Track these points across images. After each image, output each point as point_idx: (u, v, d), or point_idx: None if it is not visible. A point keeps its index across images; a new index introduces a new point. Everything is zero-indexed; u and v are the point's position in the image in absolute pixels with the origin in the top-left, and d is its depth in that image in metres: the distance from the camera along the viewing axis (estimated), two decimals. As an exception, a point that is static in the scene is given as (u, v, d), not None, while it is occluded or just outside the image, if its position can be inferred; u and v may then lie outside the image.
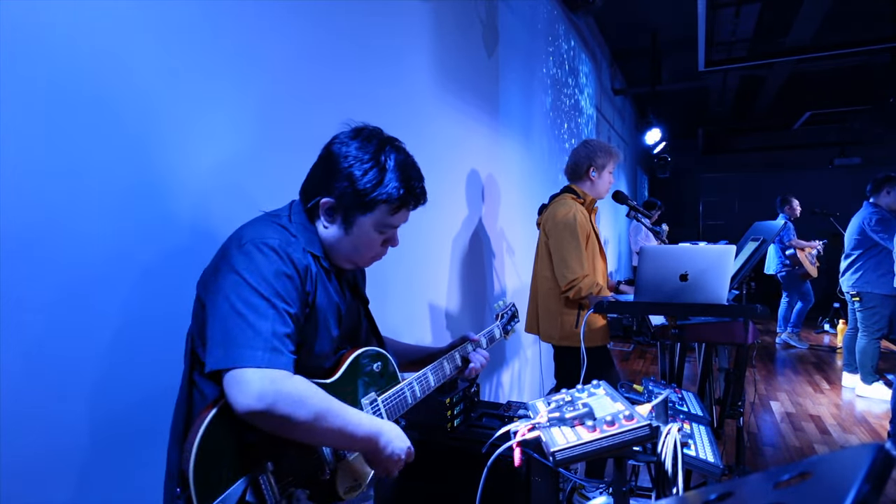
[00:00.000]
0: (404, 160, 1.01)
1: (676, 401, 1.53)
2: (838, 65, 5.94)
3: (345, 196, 0.96)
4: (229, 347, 0.81)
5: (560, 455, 0.81)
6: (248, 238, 0.90)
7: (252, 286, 0.85)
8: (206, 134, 1.22)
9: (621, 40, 6.07)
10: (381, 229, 1.01)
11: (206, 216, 1.21)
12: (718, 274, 1.61)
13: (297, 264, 0.91)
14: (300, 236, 0.96)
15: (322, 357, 1.00)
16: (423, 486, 1.73)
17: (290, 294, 0.88)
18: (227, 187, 1.28)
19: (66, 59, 0.95)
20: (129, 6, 1.04)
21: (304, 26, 1.52)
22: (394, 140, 1.03)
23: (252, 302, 0.84)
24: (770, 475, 0.31)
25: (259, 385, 0.78)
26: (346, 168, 0.95)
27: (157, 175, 1.11)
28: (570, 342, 2.17)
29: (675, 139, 8.40)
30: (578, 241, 2.11)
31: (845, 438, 3.33)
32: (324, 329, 0.98)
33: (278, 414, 0.79)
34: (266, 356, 0.81)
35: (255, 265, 0.86)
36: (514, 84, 3.27)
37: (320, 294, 0.97)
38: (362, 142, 0.98)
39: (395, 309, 2.03)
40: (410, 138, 2.09)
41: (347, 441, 0.91)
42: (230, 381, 0.79)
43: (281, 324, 0.85)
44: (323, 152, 1.01)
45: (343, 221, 0.98)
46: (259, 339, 0.81)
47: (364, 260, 1.06)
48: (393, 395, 1.10)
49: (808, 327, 6.53)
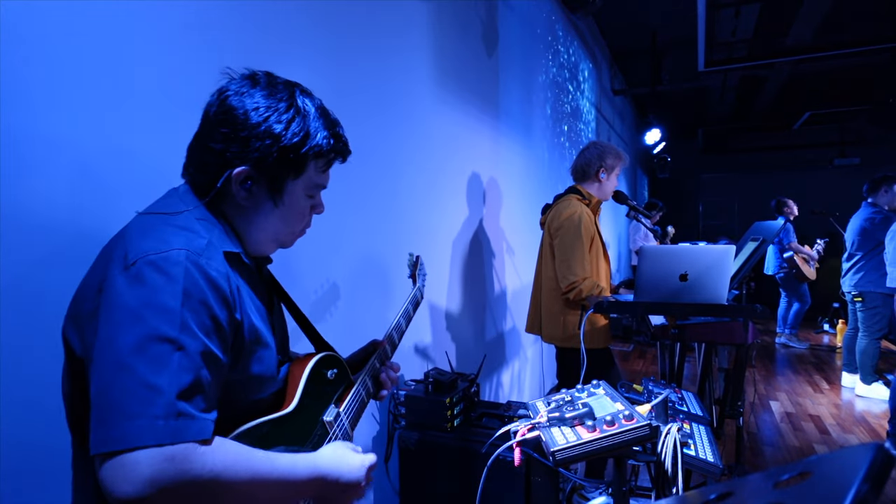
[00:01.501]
0: (320, 104, 0.81)
1: (676, 401, 1.53)
2: (838, 65, 5.95)
3: (267, 158, 0.73)
4: (112, 422, 0.57)
5: (560, 455, 0.81)
6: (137, 253, 0.64)
7: (148, 324, 0.60)
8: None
9: (621, 40, 6.07)
10: (311, 192, 0.82)
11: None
12: (718, 274, 1.61)
13: (217, 280, 0.67)
14: (209, 235, 0.71)
15: (268, 382, 0.79)
16: (423, 486, 1.73)
17: (205, 326, 0.64)
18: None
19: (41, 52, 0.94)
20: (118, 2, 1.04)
21: (303, 26, 1.52)
22: (295, 82, 0.81)
23: (147, 348, 0.60)
24: (770, 475, 0.31)
25: (149, 469, 0.56)
26: (260, 123, 0.72)
27: (145, 170, 1.02)
28: (573, 343, 2.17)
29: (675, 139, 8.40)
30: (583, 242, 2.11)
31: (845, 438, 3.33)
32: (264, 351, 0.77)
33: (184, 499, 0.59)
34: (167, 426, 0.58)
35: (152, 292, 0.62)
36: (515, 84, 3.27)
37: (250, 310, 0.75)
38: (268, 88, 0.75)
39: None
40: (410, 138, 2.10)
41: (288, 496, 0.72)
42: (108, 469, 0.56)
43: (189, 372, 0.61)
44: (212, 112, 0.75)
45: (269, 191, 0.77)
46: (156, 402, 0.58)
47: (294, 236, 0.86)
48: (351, 401, 0.95)
49: (809, 327, 6.53)
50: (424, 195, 2.24)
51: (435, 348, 2.34)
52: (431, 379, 1.77)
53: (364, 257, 1.84)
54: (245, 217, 0.78)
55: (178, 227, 0.69)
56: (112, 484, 0.56)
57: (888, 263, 3.32)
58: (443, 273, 2.44)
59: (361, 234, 1.83)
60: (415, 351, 2.19)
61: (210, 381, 0.65)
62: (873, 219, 3.86)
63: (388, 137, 1.96)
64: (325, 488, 0.77)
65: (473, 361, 2.63)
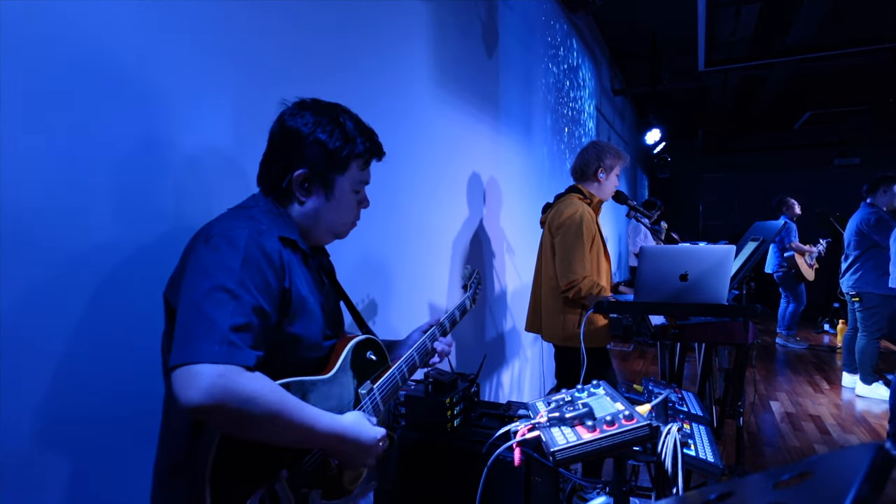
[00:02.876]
0: (357, 119, 1.04)
1: (676, 401, 1.53)
2: (838, 65, 5.95)
3: (318, 161, 0.96)
4: (184, 343, 0.75)
5: (560, 455, 0.81)
6: (216, 231, 0.86)
7: (216, 278, 0.79)
8: (198, 132, 1.22)
9: (621, 41, 6.07)
10: (356, 187, 1.03)
11: (184, 213, 1.17)
12: (718, 274, 1.61)
13: (270, 254, 0.86)
14: (272, 224, 0.92)
15: (312, 347, 0.96)
16: (423, 486, 1.73)
17: (258, 285, 0.83)
18: (215, 183, 1.28)
19: (51, 51, 0.95)
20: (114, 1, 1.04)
21: (303, 25, 1.52)
22: (339, 104, 1.04)
23: (213, 294, 0.78)
24: (770, 475, 0.31)
25: (207, 380, 0.72)
26: (310, 135, 0.95)
27: (133, 170, 1.07)
28: (573, 342, 2.17)
29: (675, 139, 8.41)
30: (583, 241, 2.11)
31: (845, 438, 3.33)
32: (309, 317, 0.95)
33: (227, 411, 0.73)
34: (221, 349, 0.75)
35: (222, 257, 0.81)
36: (515, 84, 3.27)
37: (300, 281, 0.93)
38: (314, 110, 0.98)
39: (396, 309, 2.03)
40: (410, 138, 2.10)
41: (306, 441, 0.87)
42: (178, 377, 0.73)
43: (242, 316, 0.79)
44: (276, 132, 0.99)
45: (322, 188, 0.98)
46: (215, 331, 0.75)
47: (346, 226, 1.07)
48: (385, 381, 1.09)
49: (809, 327, 6.54)
50: (424, 195, 2.24)
51: (435, 348, 2.34)
52: (431, 379, 1.77)
53: (364, 257, 1.84)
54: (305, 212, 0.99)
55: (247, 216, 0.91)
56: (180, 389, 0.72)
57: (892, 264, 3.32)
58: (443, 273, 2.44)
59: (361, 233, 1.82)
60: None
61: (258, 326, 0.81)
62: (868, 220, 3.87)
63: (387, 137, 1.95)
64: (344, 445, 0.91)
65: (473, 361, 2.63)
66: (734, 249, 1.64)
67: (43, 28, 0.90)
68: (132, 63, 1.05)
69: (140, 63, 1.07)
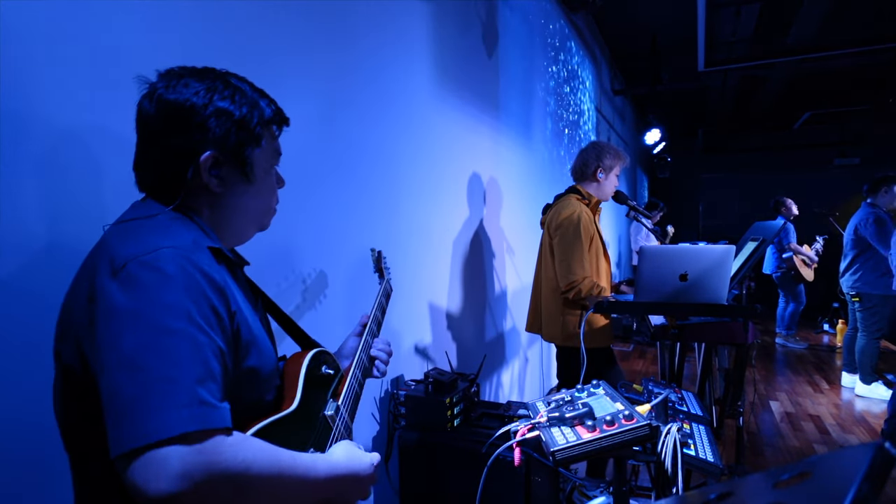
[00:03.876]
0: (243, 79, 0.81)
1: (676, 401, 1.53)
2: (838, 65, 5.94)
3: (228, 136, 0.74)
4: (134, 419, 0.55)
5: (560, 455, 0.81)
6: (126, 256, 0.62)
7: (154, 321, 0.59)
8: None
9: (621, 41, 6.07)
10: (272, 161, 0.83)
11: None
12: (718, 274, 1.61)
13: (211, 273, 0.66)
14: (190, 233, 0.71)
15: (269, 378, 0.79)
16: (423, 486, 1.73)
17: (209, 319, 0.64)
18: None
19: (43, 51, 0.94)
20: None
21: (302, 25, 1.52)
22: (213, 67, 0.81)
23: (157, 343, 0.58)
24: (770, 475, 0.31)
25: (180, 462, 0.54)
26: (206, 105, 0.72)
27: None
28: (573, 343, 2.17)
29: (675, 139, 8.41)
30: (582, 242, 2.11)
31: (845, 438, 3.33)
32: (260, 343, 0.77)
33: (213, 496, 0.56)
34: (192, 413, 0.57)
35: (149, 291, 0.60)
36: (515, 84, 3.27)
37: (240, 300, 0.74)
38: (194, 76, 0.75)
39: (396, 309, 2.03)
40: (411, 138, 2.10)
41: (307, 497, 0.71)
42: (136, 468, 0.54)
43: (203, 363, 0.60)
44: (150, 115, 0.72)
45: (240, 167, 0.77)
46: (176, 392, 0.57)
47: (270, 214, 0.86)
48: (347, 393, 0.96)
49: (809, 327, 6.54)
50: (424, 195, 2.24)
51: (435, 348, 2.34)
52: (431, 379, 1.77)
53: (364, 257, 1.84)
54: (221, 206, 0.77)
55: (158, 229, 0.68)
56: (144, 483, 0.54)
57: (893, 266, 3.32)
58: (443, 273, 2.44)
59: (361, 233, 1.83)
60: (415, 351, 2.20)
61: (220, 371, 0.63)
62: (867, 220, 3.88)
63: (388, 137, 1.96)
64: (343, 485, 0.77)
65: (473, 361, 2.63)
66: (734, 249, 1.64)
67: (43, 26, 0.90)
68: (135, 63, 1.05)
69: (142, 63, 1.07)
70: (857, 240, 3.93)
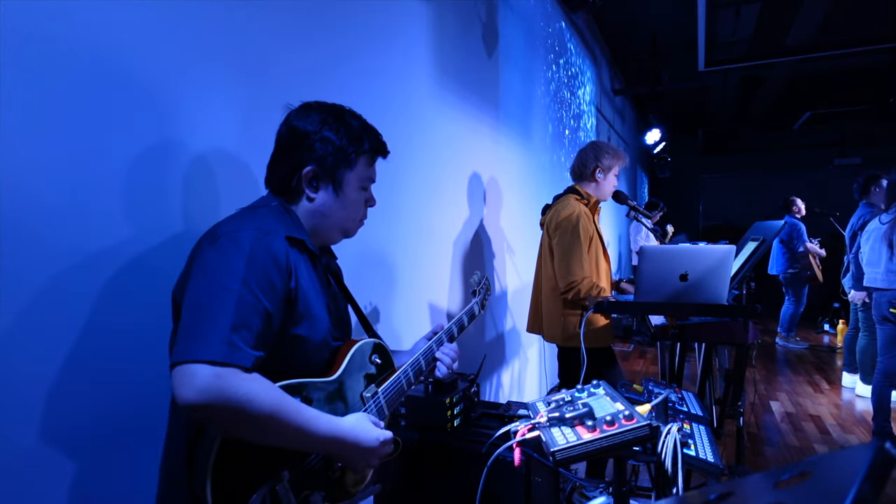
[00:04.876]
0: (361, 117, 1.05)
1: (676, 401, 1.53)
2: (838, 65, 5.94)
3: (327, 157, 0.97)
4: (185, 342, 0.76)
5: (560, 455, 0.81)
6: (222, 232, 0.86)
7: (219, 278, 0.80)
8: (197, 133, 1.22)
9: (621, 40, 6.07)
10: (363, 184, 1.05)
11: (193, 215, 1.19)
12: (718, 274, 1.61)
13: (276, 254, 0.86)
14: (280, 224, 0.92)
15: (318, 349, 0.97)
16: (423, 486, 1.73)
17: (262, 286, 0.83)
18: (222, 185, 1.28)
19: (53, 54, 0.95)
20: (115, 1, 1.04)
21: (302, 25, 1.52)
22: (342, 105, 1.05)
23: (216, 294, 0.79)
24: (770, 475, 0.31)
25: (203, 380, 0.73)
26: (318, 133, 0.97)
27: (142, 172, 1.08)
28: (574, 343, 2.17)
29: (675, 139, 8.41)
30: (580, 242, 2.11)
31: (845, 438, 3.33)
32: (315, 320, 0.94)
33: (222, 411, 0.74)
34: (220, 349, 0.75)
35: (227, 257, 0.82)
36: (515, 84, 3.27)
37: (306, 283, 0.93)
38: (320, 111, 1.00)
39: (396, 309, 2.03)
40: (411, 138, 2.10)
41: (305, 444, 0.86)
42: (176, 375, 0.74)
43: (243, 316, 0.79)
44: (284, 133, 1.00)
45: (331, 183, 0.99)
46: (215, 331, 0.76)
47: (355, 223, 1.08)
48: (391, 385, 1.09)
49: (809, 327, 6.53)
50: (424, 194, 2.24)
51: (435, 348, 2.34)
52: (431, 379, 1.77)
53: (363, 257, 1.84)
54: (314, 210, 1.00)
55: (253, 216, 0.91)
56: (177, 387, 0.73)
57: (863, 263, 3.35)
58: (443, 273, 2.44)
59: (361, 233, 1.82)
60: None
61: (259, 327, 0.81)
62: (864, 218, 3.91)
63: (388, 136, 1.95)
64: (343, 448, 0.90)
65: (473, 361, 2.63)
66: (734, 249, 1.64)
67: (46, 27, 0.90)
68: (137, 64, 1.05)
69: (144, 64, 1.07)
70: (853, 240, 3.94)
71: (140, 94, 1.07)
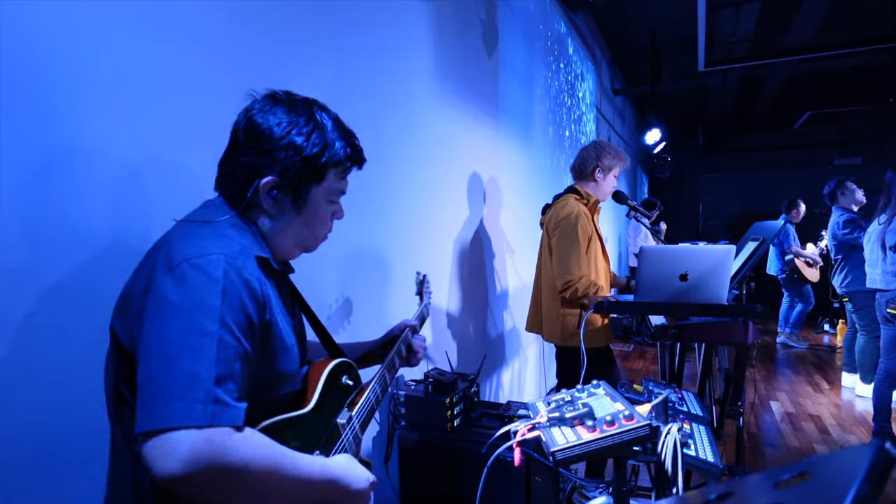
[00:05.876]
0: (336, 117, 0.89)
1: (676, 401, 1.53)
2: (838, 65, 5.94)
3: (291, 168, 0.81)
4: (157, 404, 0.63)
5: (560, 455, 0.81)
6: (182, 256, 0.71)
7: (191, 319, 0.67)
8: (177, 138, 1.22)
9: (621, 40, 6.07)
10: (331, 198, 0.89)
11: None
12: (718, 274, 1.61)
13: (251, 283, 0.74)
14: (242, 241, 0.78)
15: (290, 381, 0.86)
16: (423, 486, 1.73)
17: (241, 325, 0.71)
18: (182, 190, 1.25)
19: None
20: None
21: (302, 25, 1.52)
22: (314, 99, 0.89)
23: (190, 340, 0.66)
24: (770, 475, 0.31)
25: (189, 449, 0.61)
26: (283, 137, 0.80)
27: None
28: (573, 342, 2.17)
29: (675, 139, 8.39)
30: (579, 241, 2.12)
31: (845, 438, 3.33)
32: (289, 351, 0.84)
33: (213, 482, 0.64)
34: (206, 410, 0.64)
35: (196, 291, 0.68)
36: (515, 84, 3.27)
37: (278, 311, 0.82)
38: (288, 105, 0.83)
39: (396, 309, 2.03)
40: (411, 138, 2.10)
41: (301, 497, 0.76)
42: (151, 447, 0.62)
43: (226, 364, 0.68)
44: (240, 129, 0.83)
45: (294, 199, 0.84)
46: (196, 388, 0.64)
47: (317, 241, 0.93)
48: (363, 406, 1.02)
49: (809, 327, 6.53)
50: (424, 194, 2.24)
51: (435, 348, 2.34)
52: (431, 379, 1.77)
53: (363, 256, 1.84)
54: (272, 224, 0.85)
55: (215, 234, 0.76)
56: (155, 460, 0.62)
57: (866, 265, 3.37)
58: (443, 273, 2.44)
59: (361, 233, 1.82)
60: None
61: (242, 373, 0.71)
62: (839, 223, 4.01)
63: (387, 136, 1.96)
64: (336, 493, 0.82)
65: (473, 361, 2.63)
66: (734, 249, 1.64)
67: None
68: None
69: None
70: (837, 244, 4.03)
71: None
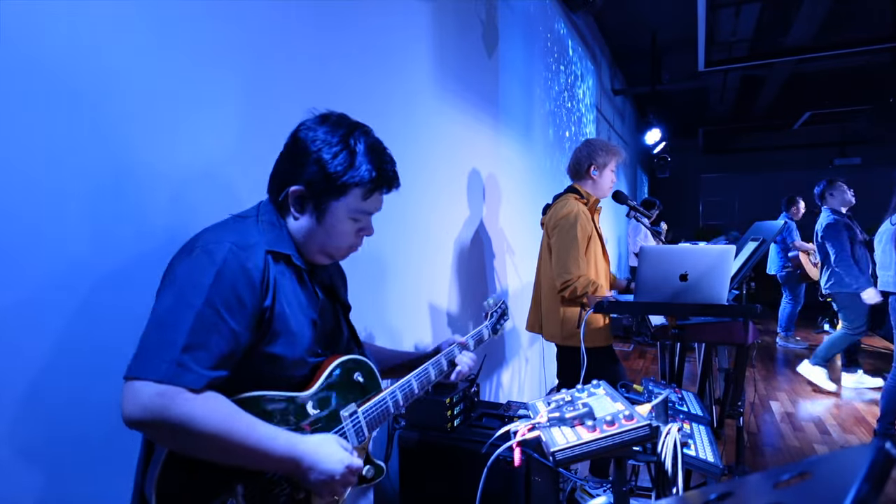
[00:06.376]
0: (374, 143, 0.97)
1: (676, 401, 1.53)
2: (838, 65, 5.94)
3: (315, 182, 0.91)
4: (137, 356, 0.75)
5: (560, 455, 0.81)
6: (200, 242, 0.84)
7: (183, 292, 0.78)
8: (194, 132, 1.22)
9: (621, 40, 6.07)
10: (355, 216, 0.96)
11: (186, 220, 1.13)
12: (718, 274, 1.61)
13: (250, 270, 0.83)
14: (265, 237, 0.89)
15: (294, 365, 0.91)
16: (423, 486, 1.73)
17: (230, 304, 0.80)
18: (216, 189, 1.28)
19: (42, 54, 0.95)
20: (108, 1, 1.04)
21: (303, 25, 1.52)
22: (362, 125, 0.98)
23: (177, 310, 0.77)
24: (770, 475, 0.31)
25: (145, 398, 0.72)
26: (314, 152, 0.90)
27: (131, 175, 1.05)
28: (573, 342, 2.17)
29: (675, 139, 8.41)
30: (577, 241, 2.12)
31: (845, 438, 3.33)
32: (294, 337, 0.90)
33: (162, 431, 0.74)
34: (168, 369, 0.74)
35: (195, 270, 0.80)
36: (515, 84, 3.27)
37: (288, 299, 0.89)
38: (330, 126, 0.93)
39: (396, 309, 2.03)
40: (411, 138, 2.10)
41: (258, 462, 0.82)
42: (124, 389, 0.74)
43: (200, 336, 0.77)
44: (289, 140, 0.95)
45: (314, 209, 0.93)
46: (166, 349, 0.75)
47: (339, 251, 1.00)
48: (374, 406, 1.02)
49: (808, 327, 6.53)
50: (424, 194, 2.24)
51: (435, 348, 2.34)
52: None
53: (363, 256, 1.83)
54: (297, 227, 0.95)
55: (236, 228, 0.88)
56: (123, 402, 0.73)
57: (877, 267, 3.36)
58: (443, 273, 2.44)
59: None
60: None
61: (221, 346, 0.79)
62: (823, 225, 4.03)
63: (387, 136, 1.94)
64: (299, 471, 0.85)
65: (473, 361, 2.62)
66: (734, 249, 1.64)
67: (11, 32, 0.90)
68: (126, 66, 1.05)
69: (135, 66, 1.07)
70: (821, 245, 4.05)
71: (134, 93, 1.07)
